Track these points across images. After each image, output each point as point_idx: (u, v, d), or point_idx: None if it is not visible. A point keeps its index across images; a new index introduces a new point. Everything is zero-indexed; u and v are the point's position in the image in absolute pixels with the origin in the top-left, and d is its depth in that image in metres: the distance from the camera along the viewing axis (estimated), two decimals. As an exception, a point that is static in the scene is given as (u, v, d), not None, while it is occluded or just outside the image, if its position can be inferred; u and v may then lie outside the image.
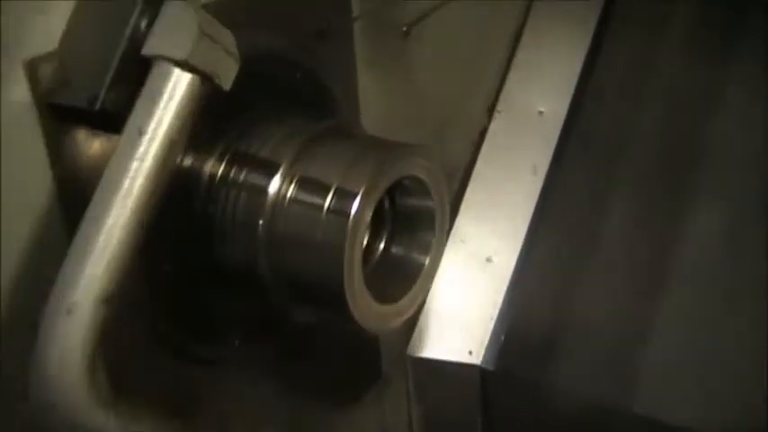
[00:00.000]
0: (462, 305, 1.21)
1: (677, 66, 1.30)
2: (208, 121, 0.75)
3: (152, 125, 0.67)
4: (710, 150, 1.27)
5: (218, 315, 0.88)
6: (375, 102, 1.03)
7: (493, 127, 1.28)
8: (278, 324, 0.93)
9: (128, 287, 0.69)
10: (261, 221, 0.79)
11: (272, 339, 0.93)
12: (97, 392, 0.66)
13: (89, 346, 0.65)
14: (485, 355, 1.18)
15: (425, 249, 0.86)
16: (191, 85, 0.67)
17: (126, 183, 0.66)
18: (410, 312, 0.85)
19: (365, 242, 0.83)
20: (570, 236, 1.27)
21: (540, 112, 1.27)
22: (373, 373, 1.15)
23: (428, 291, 0.88)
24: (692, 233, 1.26)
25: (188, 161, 0.80)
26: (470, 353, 1.19)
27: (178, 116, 0.67)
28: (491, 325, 1.19)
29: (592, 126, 1.28)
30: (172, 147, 0.67)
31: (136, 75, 0.69)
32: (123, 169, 0.66)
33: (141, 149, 0.66)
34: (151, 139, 0.66)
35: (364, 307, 0.80)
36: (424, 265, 0.86)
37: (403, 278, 0.86)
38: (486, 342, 1.18)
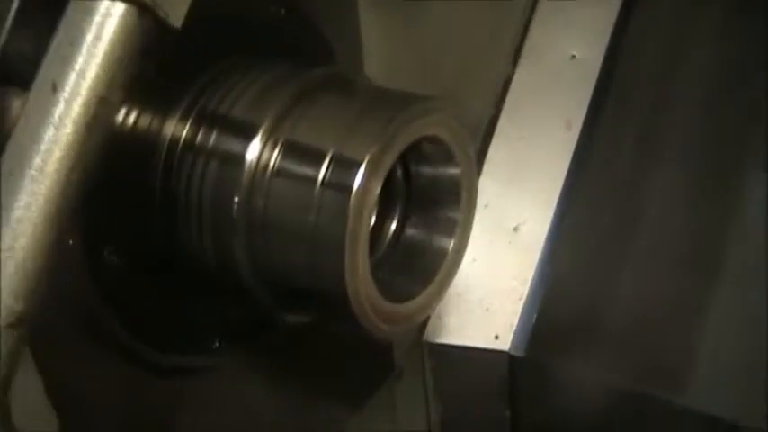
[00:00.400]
0: (487, 282, 1.14)
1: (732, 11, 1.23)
2: (166, 66, 0.67)
3: (71, 78, 0.54)
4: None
5: (189, 316, 0.80)
6: (379, 47, 0.97)
7: (518, 74, 1.21)
8: (269, 321, 0.85)
9: (67, 289, 0.64)
10: (236, 199, 0.70)
11: (263, 336, 0.86)
12: None
13: None
14: (513, 340, 1.11)
15: (449, 230, 0.78)
16: (124, 19, 0.55)
17: (36, 160, 0.53)
18: (429, 311, 0.79)
19: (372, 225, 0.74)
20: (609, 201, 1.17)
21: (573, 57, 1.20)
22: (384, 366, 1.11)
23: (450, 284, 0.79)
24: (750, 201, 1.16)
25: (141, 123, 0.71)
26: (497, 337, 1.11)
27: (108, 64, 0.54)
28: (520, 305, 1.13)
29: (633, 72, 1.19)
30: (100, 107, 0.54)
31: (48, 12, 0.57)
32: (33, 140, 0.54)
33: (57, 112, 0.53)
34: (70, 98, 0.53)
35: (372, 308, 0.71)
36: (447, 250, 0.78)
37: (420, 268, 0.78)
38: (514, 325, 1.12)
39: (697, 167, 1.18)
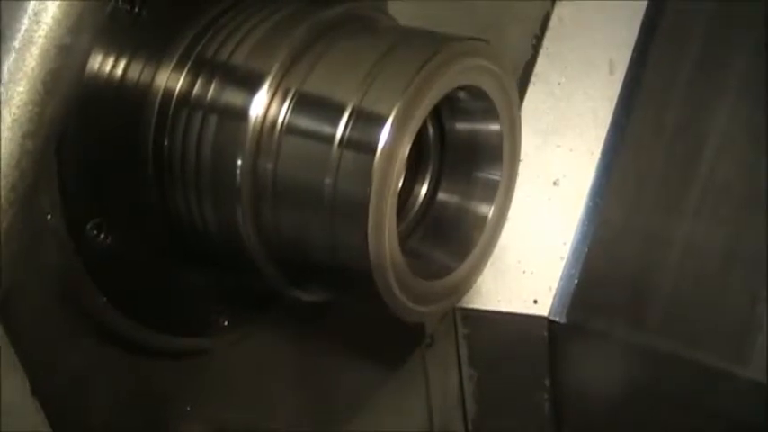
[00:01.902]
0: (523, 242, 1.10)
1: None
2: (158, 8, 0.62)
3: (23, 23, 0.45)
4: None
5: (192, 295, 0.74)
6: None
7: (558, 12, 1.17)
8: (272, 299, 0.81)
9: (51, 270, 0.60)
10: (239, 162, 0.62)
11: (278, 308, 0.80)
12: None
13: None
14: (553, 304, 1.08)
15: (488, 194, 0.72)
16: None
17: None
18: (469, 287, 0.71)
19: (399, 189, 0.66)
20: (660, 149, 1.16)
21: None
22: (414, 334, 1.08)
23: (490, 257, 0.72)
24: None
25: (129, 73, 0.64)
26: (535, 302, 1.08)
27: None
28: (561, 266, 1.09)
29: (686, 9, 1.16)
30: (61, 56, 0.46)
31: None
32: None
33: (5, 69, 0.45)
34: (22, 47, 0.44)
35: (400, 286, 0.64)
36: (486, 217, 0.71)
37: (456, 239, 0.71)
38: (554, 288, 1.08)
39: (759, 107, 1.16)
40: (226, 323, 0.76)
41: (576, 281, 1.08)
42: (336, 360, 0.97)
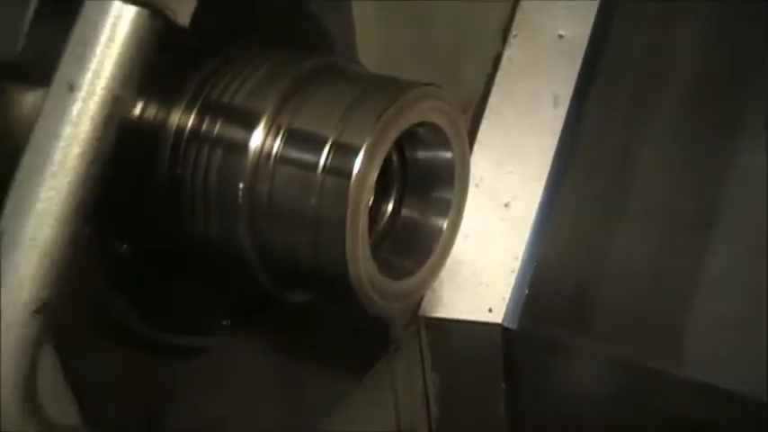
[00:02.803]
0: (479, 257, 1.15)
1: None
2: (171, 58, 0.68)
3: (87, 78, 0.56)
4: (757, 76, 1.19)
5: (199, 299, 0.82)
6: (373, 28, 0.98)
7: (507, 53, 1.22)
8: (270, 302, 0.85)
9: (79, 275, 0.61)
10: (240, 185, 0.70)
11: (269, 315, 0.88)
12: (32, 419, 0.57)
13: (21, 369, 0.55)
14: (506, 313, 1.13)
15: (443, 210, 0.79)
16: (136, 21, 0.57)
17: (57, 155, 0.55)
18: (427, 286, 0.80)
19: (369, 206, 0.73)
20: (598, 176, 1.19)
21: (561, 36, 1.22)
22: (382, 340, 1.12)
23: (445, 262, 0.80)
24: (737, 173, 1.17)
25: (147, 114, 0.72)
26: (490, 310, 1.13)
27: (122, 64, 0.56)
28: (512, 278, 1.14)
29: (620, 50, 1.21)
30: (115, 104, 0.56)
31: (63, 13, 0.59)
32: (52, 137, 0.56)
33: (75, 110, 0.55)
34: (87, 97, 0.56)
35: (372, 286, 0.72)
36: (441, 229, 0.79)
37: (417, 247, 0.79)
38: (507, 298, 1.13)
39: (688, 135, 1.18)
40: (226, 324, 0.84)
41: (526, 291, 1.12)
42: (314, 363, 1.00)
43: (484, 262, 1.15)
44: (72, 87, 0.55)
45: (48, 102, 0.56)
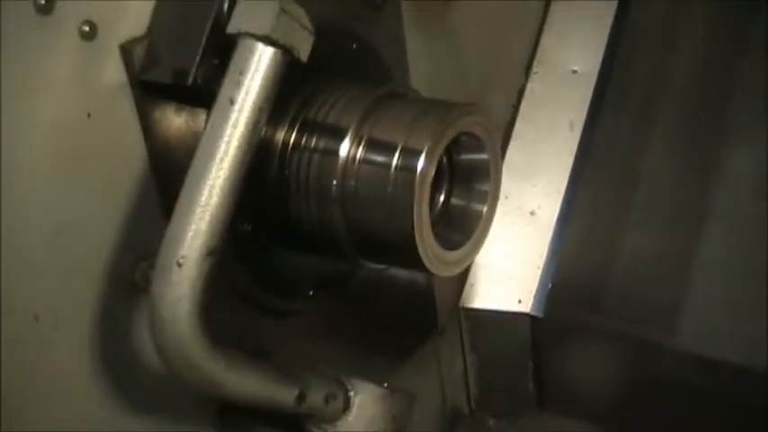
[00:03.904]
0: (510, 257, 1.24)
1: (710, 16, 1.31)
2: (281, 92, 0.78)
3: (241, 95, 0.72)
4: (746, 89, 1.27)
5: (293, 270, 0.92)
6: (422, 65, 1.06)
7: (530, 86, 1.30)
8: (344, 279, 0.97)
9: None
10: (334, 182, 0.82)
11: (339, 293, 0.98)
12: (206, 337, 0.73)
13: (198, 295, 0.71)
14: (533, 303, 1.22)
15: (482, 199, 0.90)
16: (273, 57, 0.72)
17: (222, 146, 0.71)
18: (474, 256, 0.89)
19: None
20: (610, 186, 1.29)
21: (574, 71, 1.28)
22: (430, 325, 1.18)
23: (486, 236, 0.90)
24: (726, 173, 1.26)
25: (264, 131, 0.82)
26: (519, 301, 1.23)
27: (264, 86, 0.72)
28: (538, 274, 1.23)
29: (625, 81, 1.29)
30: (260, 114, 0.72)
31: (221, 51, 0.75)
32: (219, 135, 0.72)
33: (234, 117, 0.71)
34: (241, 108, 0.71)
35: (433, 255, 0.83)
36: (482, 213, 0.89)
37: (464, 226, 0.89)
38: (534, 291, 1.22)
39: (681, 146, 1.28)
40: (311, 293, 0.94)
41: (549, 285, 1.22)
42: (369, 339, 1.07)
43: (514, 261, 1.24)
44: (232, 101, 0.71)
45: (214, 111, 0.72)
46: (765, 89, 1.24)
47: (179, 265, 0.70)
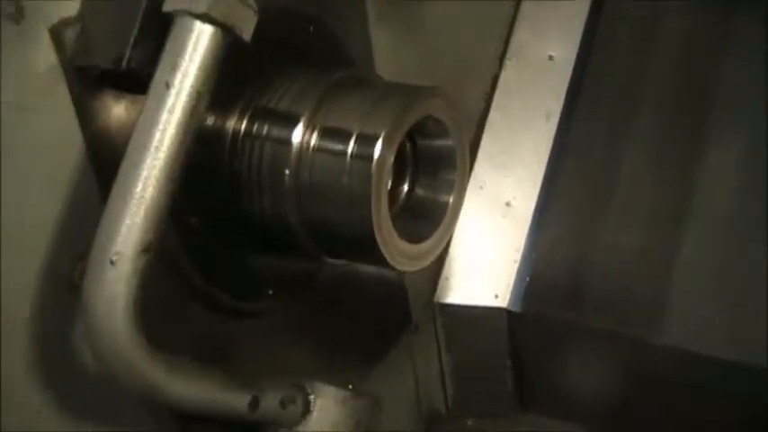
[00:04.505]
0: (485, 250, 1.23)
1: (689, 9, 1.29)
2: (228, 78, 0.76)
3: (178, 78, 0.69)
4: (725, 88, 1.25)
5: (250, 268, 0.90)
6: (388, 54, 1.04)
7: (504, 75, 1.29)
8: (308, 277, 0.95)
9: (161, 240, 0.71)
10: (287, 172, 0.80)
11: (303, 292, 0.95)
12: (143, 338, 0.69)
13: (134, 293, 0.68)
14: (510, 298, 1.20)
15: (449, 188, 0.88)
16: (213, 37, 0.69)
17: (157, 134, 0.68)
18: (439, 250, 0.87)
19: (389, 185, 0.83)
20: (588, 177, 1.28)
21: (551, 57, 1.27)
22: (403, 321, 1.17)
23: (454, 228, 0.89)
24: (706, 170, 1.24)
25: (212, 119, 0.81)
26: (496, 296, 1.21)
27: (203, 68, 0.69)
28: (515, 268, 1.21)
29: (603, 69, 1.28)
30: (198, 98, 0.69)
31: (157, 33, 0.71)
32: (154, 122, 0.68)
33: (170, 102, 0.68)
34: (179, 92, 0.68)
35: (395, 248, 0.81)
36: (448, 203, 0.87)
37: (429, 217, 0.87)
38: (510, 285, 1.21)
39: (660, 142, 1.25)
40: (270, 292, 0.91)
41: (527, 278, 1.21)
42: (343, 338, 1.05)
43: (490, 254, 1.23)
44: (168, 85, 0.68)
45: (149, 96, 0.68)
46: (747, 85, 1.23)
47: (112, 262, 0.67)
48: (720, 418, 1.15)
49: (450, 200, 0.87)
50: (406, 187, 0.88)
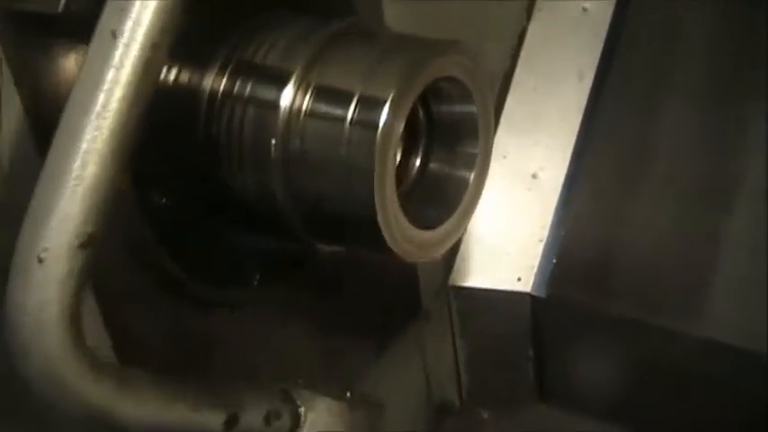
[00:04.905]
0: (507, 227, 1.17)
1: None
2: (203, 25, 0.72)
3: (128, 26, 0.59)
4: None
5: (233, 253, 0.84)
6: (399, 4, 0.97)
7: (532, 28, 1.22)
8: (303, 259, 0.90)
9: (123, 227, 0.67)
10: (273, 141, 0.73)
11: (298, 276, 0.90)
12: (81, 351, 0.60)
13: (69, 299, 0.57)
14: (535, 282, 1.15)
15: (469, 163, 0.80)
16: None
17: (100, 97, 0.58)
18: (455, 238, 0.80)
19: (398, 159, 0.76)
20: (623, 146, 1.20)
21: (585, 9, 1.21)
22: (412, 308, 1.13)
23: (473, 212, 0.81)
24: (755, 138, 1.16)
25: (184, 75, 0.75)
26: (519, 279, 1.15)
27: (159, 13, 0.59)
28: (540, 248, 1.16)
29: (643, 23, 1.21)
30: (154, 51, 0.59)
31: None
32: (96, 81, 0.59)
33: (117, 55, 0.58)
34: (128, 44, 0.58)
35: (401, 234, 0.73)
36: (468, 181, 0.80)
37: (445, 198, 0.80)
38: (535, 267, 1.15)
39: (706, 105, 1.18)
40: (257, 280, 0.85)
41: (554, 260, 1.14)
42: (344, 327, 1.01)
43: (512, 232, 1.16)
44: (114, 34, 0.57)
45: (92, 48, 0.59)
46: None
47: (40, 260, 0.56)
48: (766, 419, 1.08)
49: (471, 177, 0.80)
50: (417, 161, 0.81)
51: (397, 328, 1.12)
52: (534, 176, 1.18)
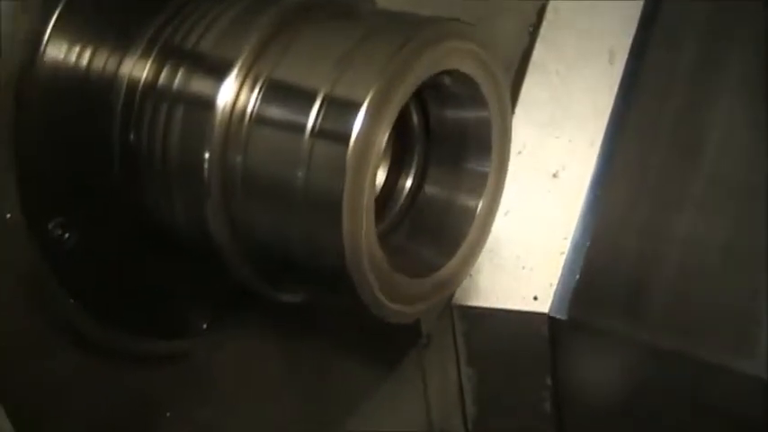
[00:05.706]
0: (522, 237, 1.11)
1: None
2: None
3: None
4: None
5: (164, 295, 0.73)
6: None
7: (554, 3, 1.17)
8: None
9: (17, 275, 0.60)
10: (206, 156, 0.61)
11: (267, 306, 0.78)
12: None
13: None
14: (554, 301, 1.09)
15: (477, 186, 0.70)
16: None
17: None
18: (455, 287, 0.69)
19: (380, 181, 0.68)
20: (659, 143, 1.14)
21: None
22: (410, 334, 1.09)
23: (481, 249, 0.70)
24: None
25: (94, 63, 0.64)
26: (535, 298, 1.09)
27: None
28: (561, 261, 1.10)
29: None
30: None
31: None
32: None
33: None
34: None
35: (381, 284, 0.62)
36: (475, 211, 0.70)
37: (443, 234, 0.70)
38: (555, 284, 1.09)
39: (759, 99, 1.11)
40: (204, 325, 0.75)
41: (577, 276, 1.08)
42: (327, 361, 0.96)
43: (528, 242, 1.11)
44: None
45: None
46: None
47: None
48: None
49: (479, 205, 0.69)
50: (408, 183, 0.71)
51: (394, 354, 1.07)
52: (555, 176, 1.12)
